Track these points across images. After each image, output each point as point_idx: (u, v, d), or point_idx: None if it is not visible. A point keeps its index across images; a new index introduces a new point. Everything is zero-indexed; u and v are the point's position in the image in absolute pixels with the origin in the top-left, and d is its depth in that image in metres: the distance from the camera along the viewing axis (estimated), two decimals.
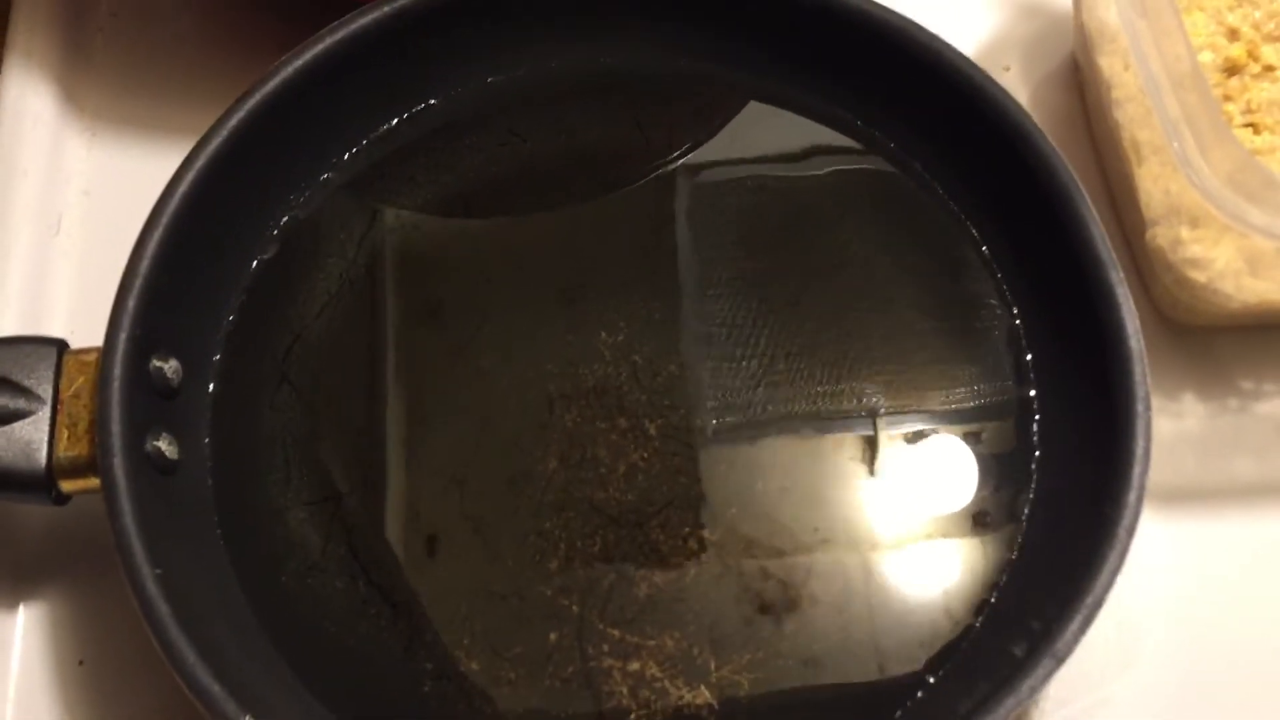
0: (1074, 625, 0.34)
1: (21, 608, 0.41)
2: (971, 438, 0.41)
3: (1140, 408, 0.36)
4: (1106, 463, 0.36)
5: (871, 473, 0.40)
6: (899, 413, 0.41)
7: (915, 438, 0.41)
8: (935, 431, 0.41)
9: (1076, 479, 0.38)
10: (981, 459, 0.40)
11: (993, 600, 0.38)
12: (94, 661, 0.40)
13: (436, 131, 0.46)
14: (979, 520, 0.39)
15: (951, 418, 0.41)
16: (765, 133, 0.47)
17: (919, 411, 0.41)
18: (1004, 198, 0.42)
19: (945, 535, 0.39)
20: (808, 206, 0.45)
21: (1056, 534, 0.37)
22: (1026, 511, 0.39)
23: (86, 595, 0.40)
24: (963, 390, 0.41)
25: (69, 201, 0.48)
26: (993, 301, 0.43)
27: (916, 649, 0.37)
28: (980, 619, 0.37)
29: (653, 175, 0.46)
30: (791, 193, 0.46)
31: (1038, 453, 0.40)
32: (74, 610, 0.40)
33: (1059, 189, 0.40)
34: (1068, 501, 0.38)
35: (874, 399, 0.41)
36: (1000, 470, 0.40)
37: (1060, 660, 0.33)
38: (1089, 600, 0.34)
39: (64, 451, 0.37)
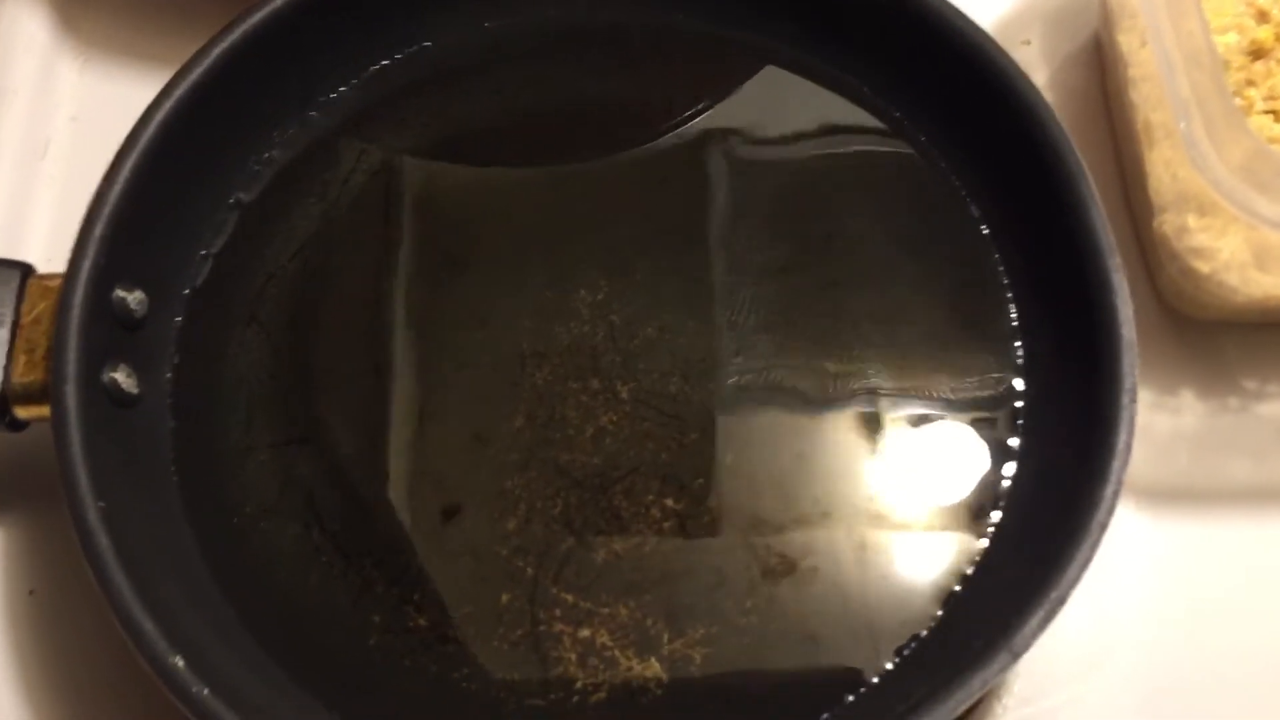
0: (1034, 621, 0.32)
1: None
2: (954, 422, 0.39)
3: (1125, 399, 0.35)
4: (1086, 455, 0.35)
5: (846, 452, 0.39)
6: (878, 392, 0.39)
7: (895, 420, 0.39)
8: (917, 415, 0.39)
9: (1056, 471, 0.36)
10: (962, 444, 0.39)
11: (957, 590, 0.36)
12: (45, 591, 0.40)
13: (428, 76, 0.45)
14: (952, 508, 0.38)
15: (936, 401, 0.39)
16: (767, 97, 0.45)
17: (901, 394, 0.40)
18: (1008, 176, 0.41)
19: (917, 522, 0.37)
20: (808, 175, 0.44)
21: (1031, 526, 0.36)
22: (1003, 501, 0.37)
23: (40, 525, 0.40)
24: (951, 373, 0.40)
25: (57, 127, 0.47)
26: (989, 284, 0.41)
27: (876, 636, 0.36)
28: (944, 609, 0.36)
29: (648, 135, 0.45)
30: (792, 161, 0.44)
31: (1019, 440, 0.38)
32: (27, 539, 0.40)
33: (1062, 168, 0.38)
34: (1045, 493, 0.36)
35: (855, 376, 0.40)
36: (980, 457, 0.38)
37: (1016, 655, 0.32)
38: (1052, 596, 0.32)
39: (19, 377, 0.36)
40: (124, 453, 0.37)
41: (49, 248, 0.44)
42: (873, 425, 0.39)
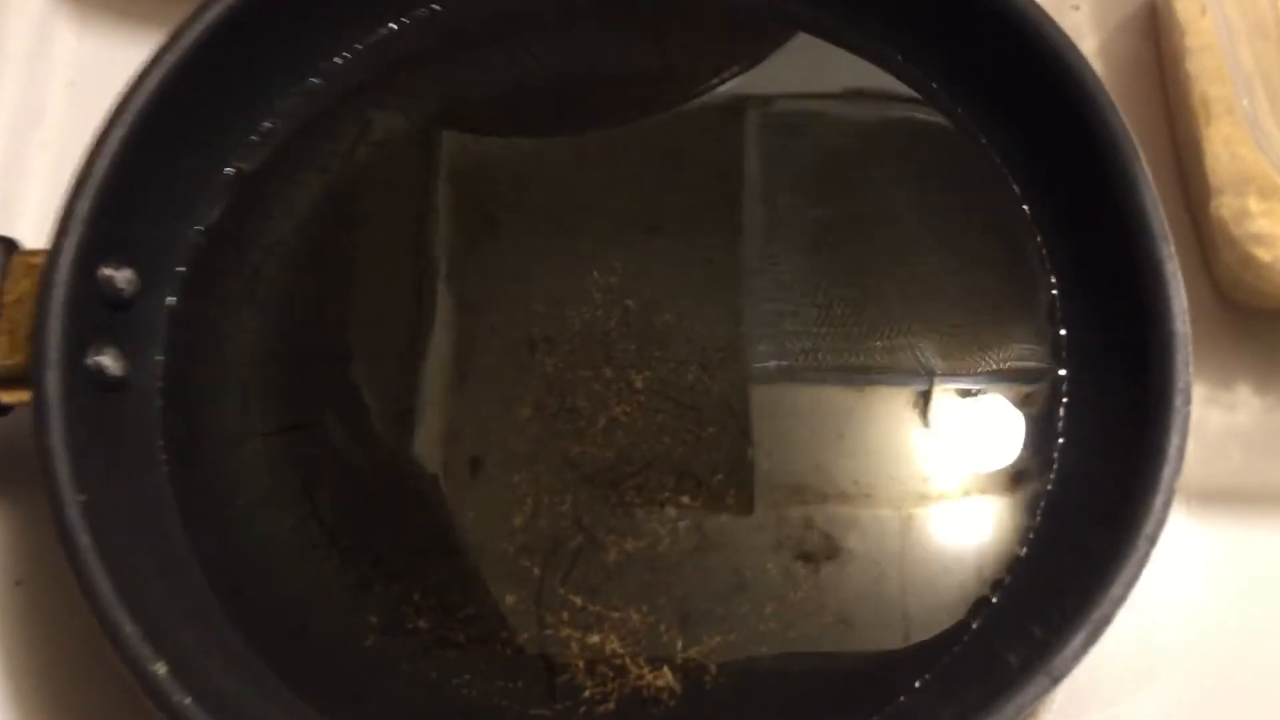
0: (1076, 642, 0.30)
1: None
2: (990, 416, 0.37)
3: (1178, 401, 0.32)
4: (1134, 459, 0.32)
5: (877, 441, 0.36)
6: (911, 379, 0.37)
7: (930, 412, 0.37)
8: (952, 405, 0.37)
9: (1100, 474, 0.34)
10: (1000, 441, 0.36)
11: (993, 600, 0.34)
12: (32, 582, 0.38)
13: (438, 41, 0.42)
14: (988, 510, 0.35)
15: (970, 392, 0.37)
16: (801, 67, 0.43)
17: (937, 381, 0.37)
18: (1052, 152, 0.38)
19: (950, 523, 0.35)
20: (841, 149, 0.41)
21: (1072, 534, 0.34)
22: (1042, 505, 0.35)
23: (27, 513, 0.38)
24: (987, 364, 0.37)
25: (53, 93, 0.45)
26: (1031, 268, 0.38)
27: (906, 650, 0.34)
28: (977, 619, 0.34)
29: (671, 106, 0.42)
30: (824, 134, 0.42)
31: (1061, 440, 0.36)
32: (13, 528, 0.38)
33: (1111, 145, 0.35)
34: (1088, 499, 0.34)
35: (889, 359, 0.37)
36: (1019, 456, 0.36)
37: (1056, 680, 0.30)
38: (1095, 615, 0.30)
39: (1, 359, 0.35)
40: (110, 440, 0.35)
41: (41, 219, 0.42)
42: (906, 415, 0.37)
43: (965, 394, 0.37)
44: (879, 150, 0.41)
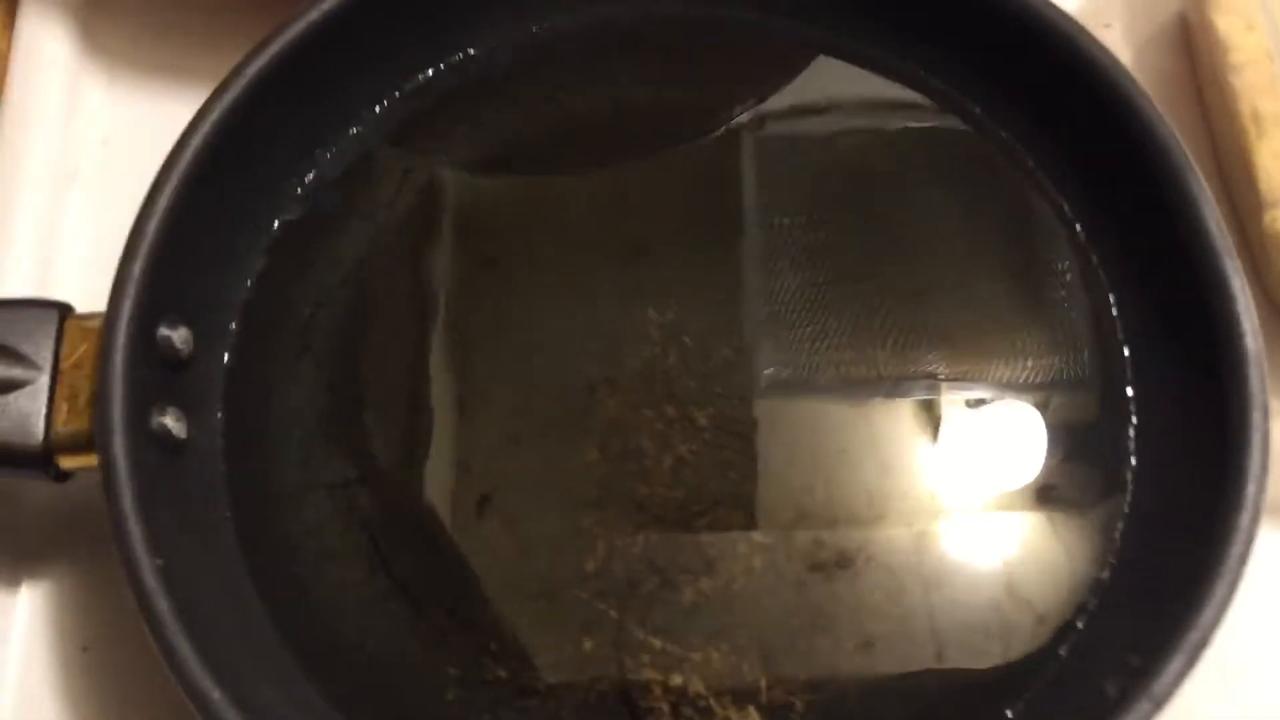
0: (1175, 665, 0.30)
1: (24, 590, 0.38)
2: (1059, 440, 0.36)
3: (1257, 417, 0.32)
4: (1215, 479, 0.32)
5: (946, 467, 0.36)
6: (975, 403, 0.37)
7: (995, 434, 0.37)
8: (1019, 431, 0.37)
9: (1179, 495, 0.34)
10: (1069, 465, 0.36)
11: (1080, 626, 0.34)
12: (99, 648, 0.37)
13: (476, 85, 0.42)
14: (1066, 534, 0.35)
15: (1036, 417, 0.37)
16: (834, 90, 0.42)
17: (1001, 407, 0.37)
18: (1103, 173, 0.38)
19: (1027, 558, 0.35)
20: (885, 176, 0.41)
21: (1155, 556, 0.33)
22: (1120, 527, 0.35)
23: (92, 577, 0.38)
24: (1048, 388, 0.37)
25: (86, 151, 0.44)
26: (1087, 290, 0.38)
27: (994, 680, 0.33)
28: (1065, 647, 0.33)
29: (710, 136, 0.42)
30: (865, 159, 0.41)
31: (1134, 461, 0.36)
32: (78, 593, 0.38)
33: (1167, 165, 0.35)
34: (1169, 520, 0.34)
35: (947, 389, 0.37)
36: (1090, 480, 0.36)
37: (1159, 704, 0.29)
38: (1193, 637, 0.30)
39: (63, 426, 0.34)
40: (177, 502, 0.34)
41: (84, 283, 0.42)
42: (972, 438, 0.37)
43: (1034, 418, 0.37)
44: (923, 176, 0.41)
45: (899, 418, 0.37)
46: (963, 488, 0.36)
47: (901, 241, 0.40)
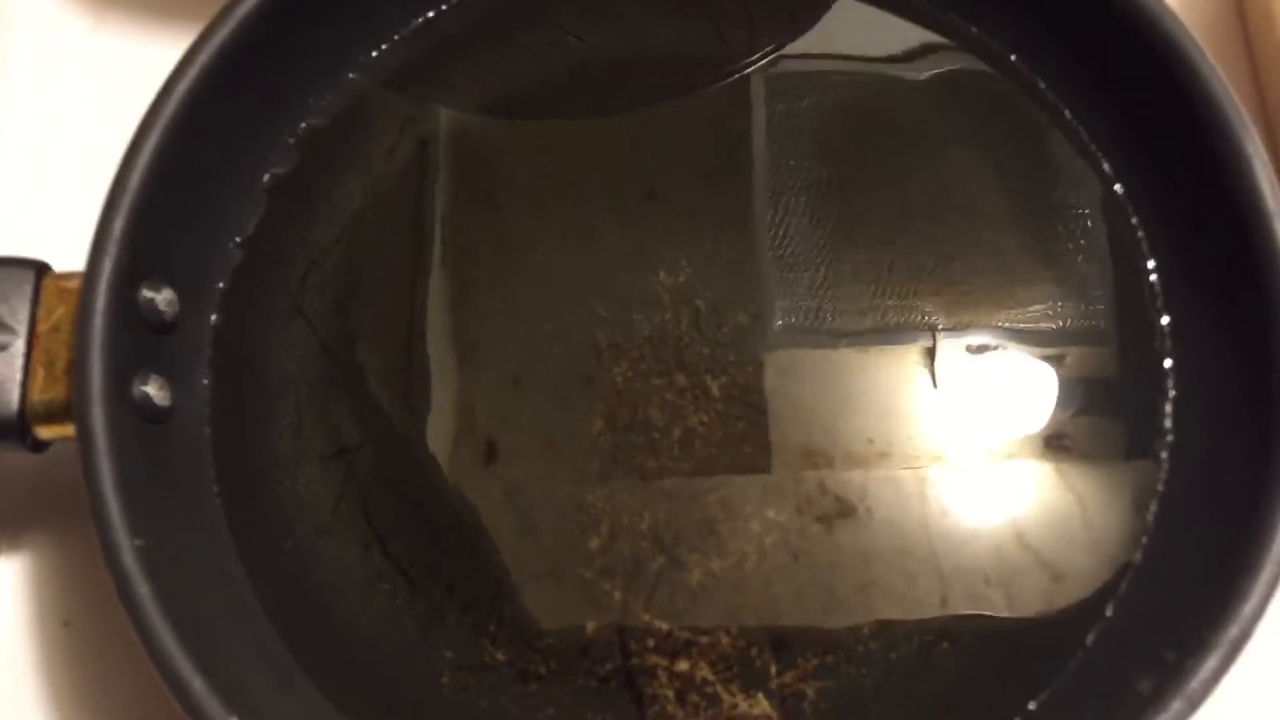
0: (1212, 661, 0.28)
1: (2, 563, 0.36)
2: (1090, 411, 0.34)
3: None
4: (1259, 460, 0.30)
5: (953, 417, 0.34)
6: (998, 364, 0.35)
7: (1026, 402, 0.35)
8: (1050, 404, 0.35)
9: (1218, 476, 0.32)
10: (1100, 438, 0.34)
11: (1108, 614, 0.32)
12: (81, 623, 0.36)
13: (478, 27, 0.40)
14: (1092, 519, 0.33)
15: (1068, 385, 0.35)
16: (858, 35, 0.40)
17: (1033, 365, 0.35)
18: (1147, 129, 0.36)
19: (1052, 539, 0.33)
20: (917, 129, 0.39)
21: (1192, 541, 0.31)
22: (1154, 508, 0.33)
23: (74, 551, 0.36)
24: (1080, 352, 0.35)
25: (69, 96, 0.42)
26: (1126, 251, 0.36)
27: (1016, 669, 0.32)
28: (1093, 636, 0.32)
29: (726, 83, 0.40)
30: (895, 107, 0.39)
31: (1169, 437, 0.33)
32: (60, 567, 0.36)
33: (1218, 120, 0.33)
34: (1208, 503, 0.32)
35: (978, 343, 0.35)
36: (1123, 455, 0.34)
37: (1195, 704, 0.28)
38: (1233, 632, 0.28)
39: (39, 394, 0.32)
40: (159, 475, 0.32)
41: (65, 239, 0.39)
42: (1003, 408, 0.35)
43: (1066, 385, 0.35)
44: (957, 132, 0.38)
45: (913, 366, 0.35)
46: (989, 453, 0.34)
47: (938, 208, 0.37)
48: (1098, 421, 0.34)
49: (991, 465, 0.34)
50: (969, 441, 0.34)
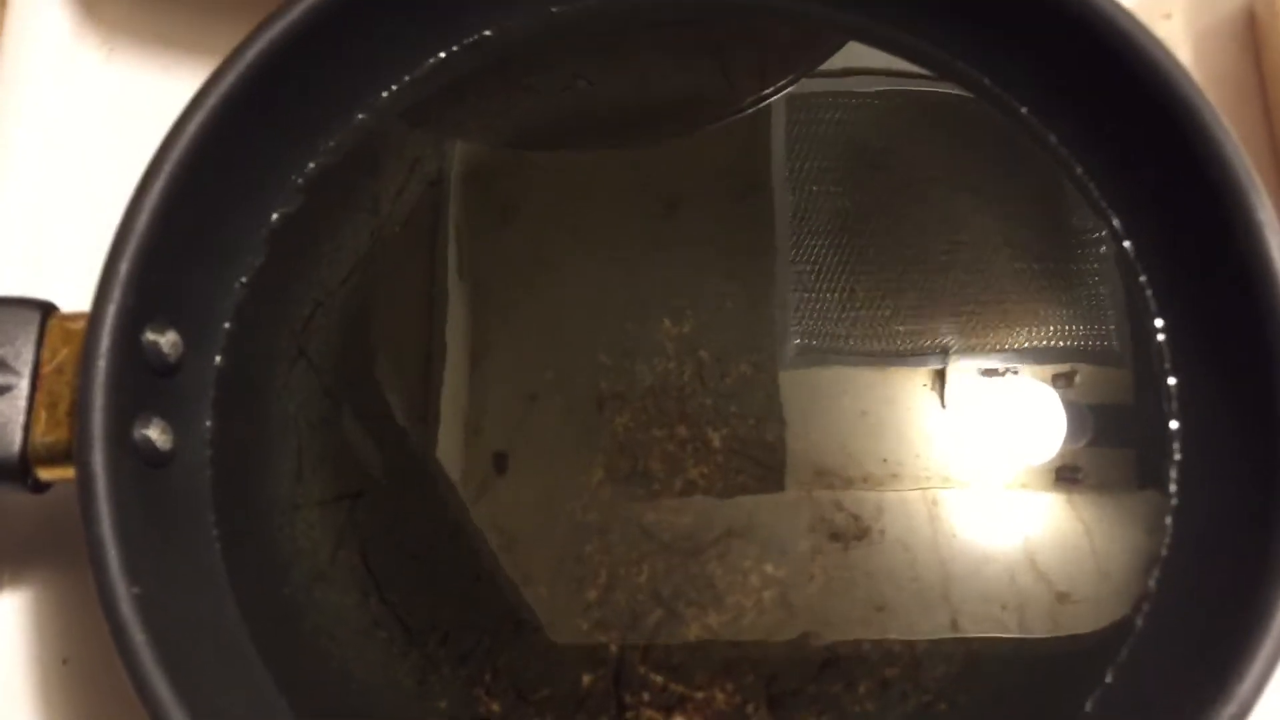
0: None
1: (3, 600, 0.37)
2: (1095, 477, 0.34)
3: None
4: (1267, 529, 0.30)
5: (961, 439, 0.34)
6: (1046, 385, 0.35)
7: (1023, 478, 0.34)
8: (1053, 477, 0.34)
9: (1224, 544, 0.31)
10: (1104, 501, 0.34)
11: (1108, 682, 0.32)
12: (79, 661, 0.36)
13: (490, 70, 0.40)
14: (1095, 581, 0.33)
15: (1075, 454, 0.35)
16: (869, 80, 0.40)
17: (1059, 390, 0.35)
18: (1156, 184, 0.35)
19: (1049, 604, 0.33)
20: (926, 181, 0.38)
21: (1196, 610, 0.31)
22: (1157, 575, 0.32)
23: (73, 590, 0.36)
24: (1094, 420, 0.35)
25: (81, 130, 0.42)
26: (1136, 311, 0.36)
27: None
28: (1091, 703, 0.31)
29: (736, 126, 0.40)
30: (900, 162, 0.39)
31: (1175, 503, 0.33)
32: (59, 606, 0.36)
33: (1231, 189, 0.32)
34: (1212, 570, 0.31)
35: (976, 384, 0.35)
36: (1126, 519, 0.33)
37: None
38: (1232, 710, 0.28)
39: (41, 436, 0.32)
40: (158, 519, 0.33)
41: (75, 275, 0.40)
42: (992, 491, 0.34)
43: (1073, 454, 0.34)
44: (969, 182, 0.38)
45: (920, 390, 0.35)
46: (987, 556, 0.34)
47: (947, 260, 0.37)
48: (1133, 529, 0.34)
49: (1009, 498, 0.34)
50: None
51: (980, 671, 0.32)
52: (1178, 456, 0.34)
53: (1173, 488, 0.33)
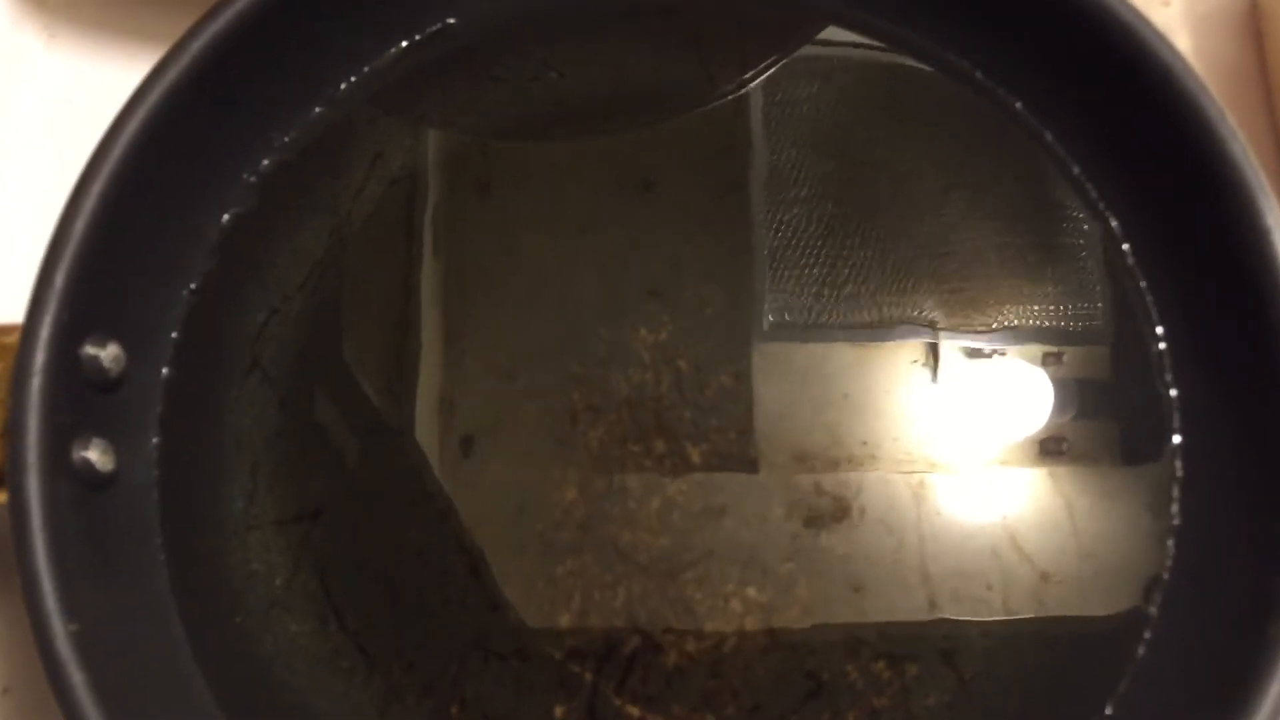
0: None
1: None
2: (1095, 495, 0.33)
3: None
4: (1274, 551, 0.28)
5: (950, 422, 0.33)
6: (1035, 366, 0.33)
7: (1019, 485, 0.33)
8: (1051, 485, 0.33)
9: (1230, 566, 0.30)
10: (1103, 520, 0.32)
11: (1109, 714, 0.30)
12: (21, 689, 0.34)
13: (454, 60, 0.37)
14: (1095, 617, 0.31)
15: (1072, 460, 0.33)
16: (848, 70, 0.38)
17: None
18: (1157, 184, 0.34)
19: (1048, 631, 0.31)
20: (915, 175, 0.37)
21: (1201, 636, 0.30)
22: (1159, 600, 0.31)
23: (12, 617, 0.34)
24: (1091, 430, 0.33)
25: (21, 120, 0.40)
26: (1134, 315, 0.34)
27: None
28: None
29: (714, 116, 0.38)
30: (890, 154, 0.37)
31: (1176, 523, 0.32)
32: None
33: (1236, 189, 0.31)
34: (1217, 594, 0.30)
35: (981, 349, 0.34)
36: (1126, 538, 0.32)
37: None
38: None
39: None
40: (100, 545, 0.30)
41: (10, 283, 0.37)
42: (974, 487, 0.33)
43: (1069, 460, 0.33)
44: (958, 177, 0.36)
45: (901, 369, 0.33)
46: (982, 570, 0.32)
47: (938, 266, 0.35)
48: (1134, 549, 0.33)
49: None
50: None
51: (972, 701, 0.31)
52: (1180, 475, 0.32)
53: (1175, 506, 0.32)
